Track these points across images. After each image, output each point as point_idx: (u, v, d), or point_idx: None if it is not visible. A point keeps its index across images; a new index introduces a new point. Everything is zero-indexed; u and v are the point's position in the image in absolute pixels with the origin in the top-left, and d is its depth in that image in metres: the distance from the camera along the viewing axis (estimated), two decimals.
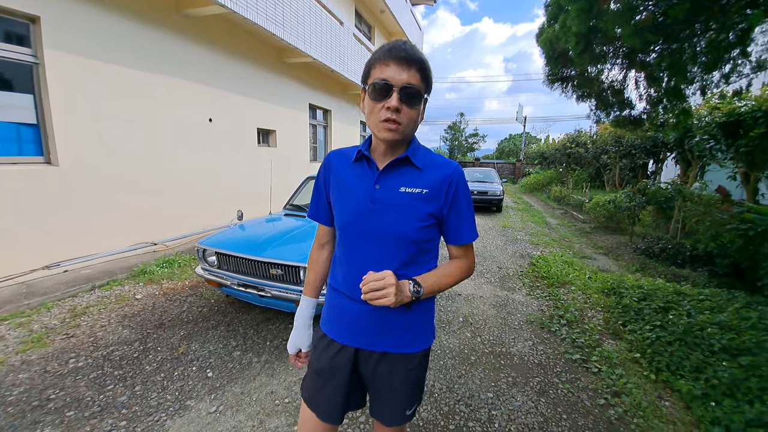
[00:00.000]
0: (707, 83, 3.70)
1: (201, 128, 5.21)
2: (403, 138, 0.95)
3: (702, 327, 2.62)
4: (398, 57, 0.89)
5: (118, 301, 3.33)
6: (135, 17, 4.11)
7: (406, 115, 0.91)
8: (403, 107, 0.89)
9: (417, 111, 0.93)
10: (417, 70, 0.90)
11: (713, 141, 5.88)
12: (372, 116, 0.94)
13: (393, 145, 0.98)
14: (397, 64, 0.89)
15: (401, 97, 0.89)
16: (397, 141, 0.95)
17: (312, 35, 6.75)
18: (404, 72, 0.88)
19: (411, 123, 0.93)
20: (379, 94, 0.90)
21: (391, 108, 0.89)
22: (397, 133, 0.92)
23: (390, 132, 0.91)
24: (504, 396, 2.20)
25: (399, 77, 0.88)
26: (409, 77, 0.89)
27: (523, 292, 4.00)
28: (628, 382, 2.31)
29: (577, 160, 14.39)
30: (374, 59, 0.93)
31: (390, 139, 0.93)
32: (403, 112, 0.90)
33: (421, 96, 0.92)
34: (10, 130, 3.26)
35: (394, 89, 0.88)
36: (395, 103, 0.88)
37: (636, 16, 2.79)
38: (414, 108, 0.92)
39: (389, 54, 0.89)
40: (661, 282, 3.75)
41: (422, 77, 0.91)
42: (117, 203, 4.06)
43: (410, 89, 0.89)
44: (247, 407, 2.03)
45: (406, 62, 0.89)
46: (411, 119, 0.93)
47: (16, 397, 2.02)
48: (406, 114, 0.91)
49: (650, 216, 7.25)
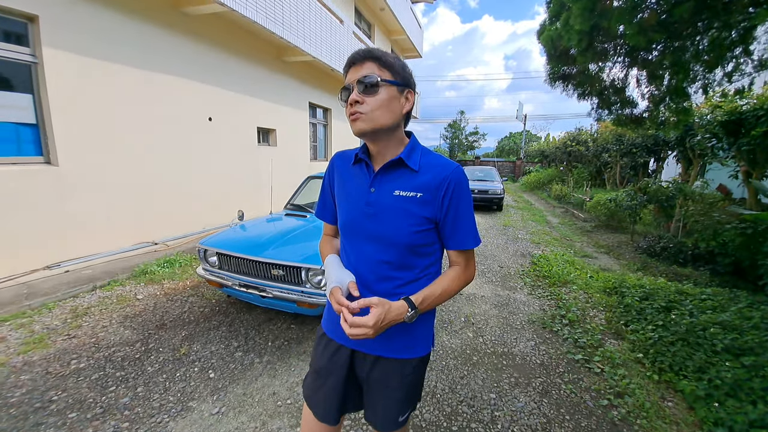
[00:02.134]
0: (709, 82, 3.69)
1: (200, 127, 5.19)
2: (375, 127, 0.92)
3: (704, 327, 2.62)
4: (351, 63, 0.94)
5: (119, 302, 3.33)
6: (133, 16, 4.09)
7: (369, 104, 0.91)
8: (362, 98, 0.91)
9: (380, 97, 0.91)
10: (371, 62, 0.92)
11: (715, 139, 5.86)
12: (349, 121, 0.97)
13: (379, 142, 0.97)
14: (353, 67, 0.94)
15: (359, 89, 0.91)
16: (372, 133, 0.93)
17: (312, 34, 6.73)
18: (359, 70, 0.92)
19: (378, 110, 0.91)
20: (345, 97, 0.95)
21: (351, 102, 0.92)
22: (362, 121, 0.91)
23: (355, 122, 0.93)
24: (506, 397, 2.20)
25: (354, 76, 0.92)
26: (365, 71, 0.92)
27: (524, 291, 4.00)
28: (631, 383, 2.30)
29: (577, 159, 14.35)
30: (344, 74, 0.99)
31: (358, 129, 0.93)
32: (365, 102, 0.91)
33: (377, 83, 0.90)
34: (9, 130, 3.25)
35: (352, 87, 0.92)
36: (354, 96, 0.91)
37: (639, 14, 2.77)
38: (374, 95, 0.91)
39: (346, 64, 0.96)
40: (662, 281, 3.74)
41: (380, 66, 0.92)
42: (117, 202, 4.06)
43: (365, 79, 0.91)
44: (249, 408, 2.03)
45: (358, 62, 0.93)
46: (375, 106, 0.91)
47: (18, 398, 2.01)
48: (369, 103, 0.91)
49: (651, 215, 7.24)
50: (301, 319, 3.08)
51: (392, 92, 0.93)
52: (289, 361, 2.49)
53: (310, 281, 2.56)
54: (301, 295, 2.54)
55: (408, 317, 0.91)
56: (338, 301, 0.90)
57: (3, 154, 3.20)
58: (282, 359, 2.51)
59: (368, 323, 0.84)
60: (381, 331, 0.88)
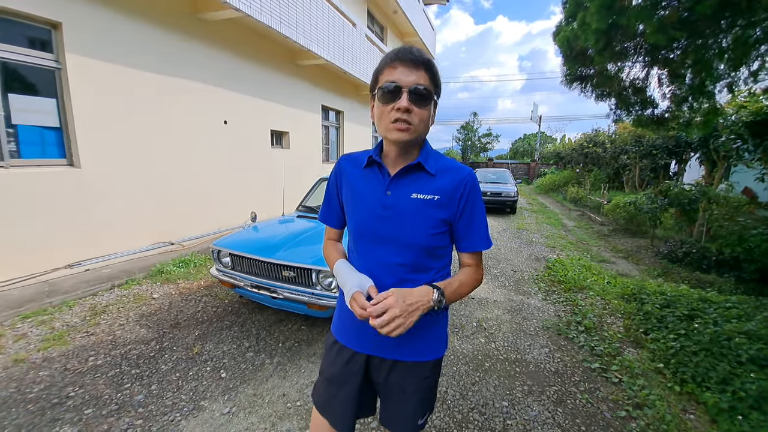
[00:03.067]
0: (734, 80, 3.55)
1: (216, 130, 5.29)
2: (415, 139, 0.94)
3: (729, 336, 2.51)
4: (406, 59, 0.89)
5: (136, 300, 3.40)
6: (153, 22, 4.20)
7: (417, 115, 0.90)
8: (413, 108, 0.89)
9: (427, 112, 0.92)
10: (425, 71, 0.90)
11: (740, 141, 5.63)
12: (383, 120, 0.93)
13: (405, 148, 0.97)
14: (405, 66, 0.89)
15: (411, 98, 0.88)
16: (408, 143, 0.94)
17: (325, 37, 6.78)
18: (412, 73, 0.89)
19: (422, 124, 0.92)
20: (389, 96, 0.90)
21: (401, 108, 0.88)
22: (408, 133, 0.91)
23: (401, 132, 0.90)
24: (519, 405, 2.14)
25: (407, 78, 0.88)
26: (418, 78, 0.89)
27: (538, 296, 3.91)
28: (651, 394, 2.22)
29: (594, 161, 14.02)
30: (382, 64, 0.94)
31: (401, 140, 0.92)
32: (414, 113, 0.89)
33: (430, 96, 0.91)
34: (34, 133, 3.37)
35: (403, 90, 0.88)
36: (405, 104, 0.88)
37: (660, 12, 2.68)
38: (424, 108, 0.91)
39: (397, 57, 0.91)
40: (685, 288, 3.60)
41: (431, 78, 0.91)
42: (136, 203, 4.16)
43: (420, 90, 0.88)
44: (259, 409, 2.04)
45: (413, 64, 0.89)
46: (422, 120, 0.92)
47: (37, 394, 2.07)
48: (417, 114, 0.90)
49: (673, 218, 7.00)
50: (312, 320, 3.09)
51: (432, 107, 0.94)
52: (299, 362, 2.50)
53: (321, 283, 2.56)
54: (312, 296, 2.55)
55: (436, 300, 0.89)
56: (362, 306, 0.88)
57: (28, 157, 3.32)
58: (292, 361, 2.52)
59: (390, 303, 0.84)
60: (412, 315, 0.85)
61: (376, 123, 0.97)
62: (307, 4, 6.10)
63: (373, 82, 0.97)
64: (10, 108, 3.16)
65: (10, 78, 3.16)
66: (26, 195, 3.20)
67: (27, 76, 3.29)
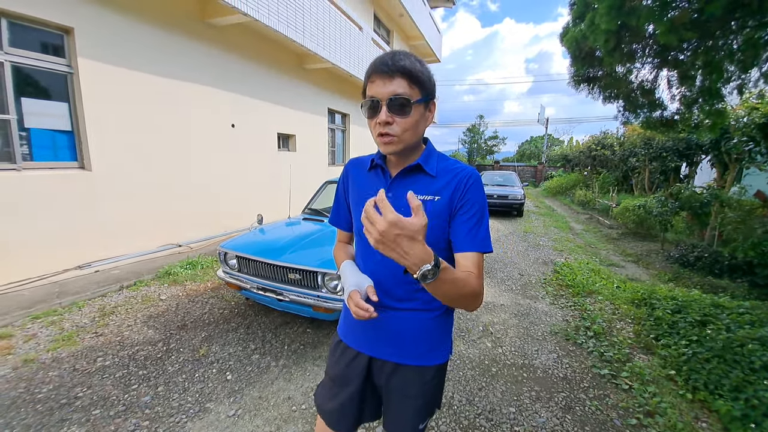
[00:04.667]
0: (745, 82, 3.49)
1: (224, 133, 5.34)
2: (405, 147, 0.94)
3: (742, 343, 2.44)
4: (380, 71, 0.88)
5: (144, 302, 3.43)
6: (162, 27, 4.26)
7: (400, 125, 0.89)
8: (394, 118, 0.89)
9: (412, 119, 0.90)
10: (402, 78, 0.88)
11: (752, 143, 5.53)
12: (372, 133, 0.95)
13: (403, 153, 0.97)
14: (380, 78, 0.88)
15: (390, 110, 0.88)
16: (398, 152, 0.94)
17: (332, 41, 6.83)
18: (389, 84, 0.88)
19: (408, 131, 0.91)
20: (371, 111, 0.91)
21: (381, 122, 0.89)
22: (394, 144, 0.91)
23: (387, 145, 0.92)
24: (527, 411, 2.11)
25: (384, 90, 0.88)
26: (396, 87, 0.87)
27: (546, 300, 3.86)
28: (663, 401, 2.17)
29: (602, 163, 13.87)
30: (365, 79, 0.95)
31: (389, 152, 0.94)
32: (396, 123, 0.89)
33: (409, 103, 0.88)
34: (46, 137, 3.43)
35: (381, 104, 0.88)
36: (384, 117, 0.88)
37: (670, 12, 2.65)
38: (406, 116, 0.89)
39: (373, 70, 0.90)
40: (696, 293, 3.52)
41: (411, 83, 0.88)
42: (145, 206, 4.21)
43: (396, 99, 0.87)
44: (264, 412, 2.03)
45: (388, 74, 0.88)
46: (406, 129, 0.90)
47: (45, 394, 2.10)
48: (400, 124, 0.89)
49: (684, 222, 6.88)
50: (318, 323, 3.08)
51: (421, 110, 0.92)
52: (305, 365, 2.49)
53: (327, 286, 2.55)
54: (317, 299, 2.54)
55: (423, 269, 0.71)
56: (357, 304, 0.88)
57: (41, 160, 3.38)
58: (298, 363, 2.51)
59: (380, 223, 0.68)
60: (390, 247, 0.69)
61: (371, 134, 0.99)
62: (314, 9, 6.15)
63: (362, 95, 0.97)
64: (23, 112, 3.22)
65: (23, 82, 3.23)
66: (38, 197, 3.26)
67: (40, 80, 3.36)
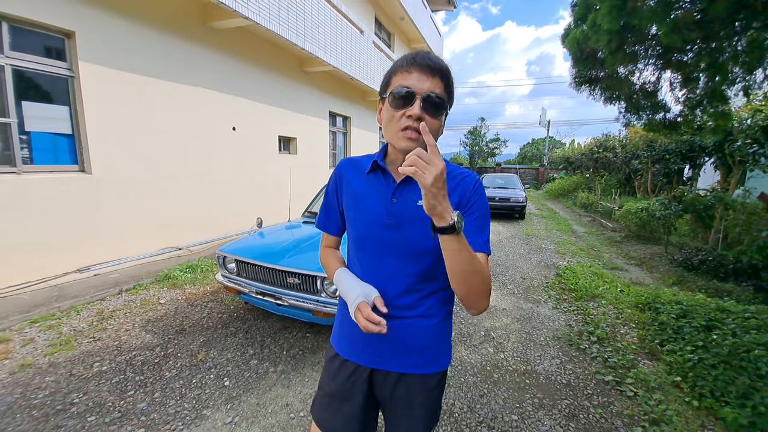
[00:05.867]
0: (750, 84, 3.46)
1: (225, 136, 5.34)
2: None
3: (748, 348, 2.40)
4: (422, 65, 0.85)
5: (142, 306, 3.41)
6: (164, 31, 4.27)
7: (429, 125, 0.85)
8: (425, 116, 0.84)
9: (439, 122, 0.88)
10: (441, 79, 0.86)
11: (756, 145, 5.48)
12: (391, 125, 0.89)
13: None
14: (420, 72, 0.85)
15: (424, 106, 0.84)
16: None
17: (333, 44, 6.83)
18: (427, 80, 0.84)
19: (434, 133, 0.88)
20: (401, 101, 0.85)
21: (413, 116, 0.84)
22: (418, 142, 0.86)
23: (410, 141, 0.85)
24: (530, 419, 2.07)
25: (422, 85, 0.84)
26: (433, 86, 0.84)
27: (549, 305, 3.82)
28: (668, 409, 2.12)
29: (605, 165, 13.81)
30: (396, 67, 0.90)
31: (410, 148, 0.87)
32: (426, 122, 0.85)
33: (444, 106, 0.87)
34: (47, 140, 3.43)
35: (417, 97, 0.84)
36: (417, 111, 0.83)
37: (673, 13, 2.62)
38: (436, 118, 0.87)
39: (413, 62, 0.86)
40: (701, 297, 3.47)
41: (445, 87, 0.87)
42: (145, 209, 4.20)
43: (434, 98, 0.84)
44: (262, 419, 2.00)
45: (430, 70, 0.85)
46: (433, 129, 0.87)
47: (41, 400, 2.07)
48: (429, 124, 0.85)
49: (687, 225, 6.82)
50: (317, 328, 3.05)
51: (443, 117, 0.91)
52: (303, 371, 2.46)
53: (326, 290, 2.53)
54: (317, 304, 2.52)
55: (455, 217, 0.73)
56: (368, 317, 0.85)
57: (41, 163, 3.38)
58: (296, 369, 2.48)
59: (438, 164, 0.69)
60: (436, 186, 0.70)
61: (384, 128, 0.93)
62: (315, 12, 6.16)
63: (383, 85, 0.92)
64: (24, 115, 3.22)
65: (24, 86, 3.23)
66: (38, 200, 3.25)
67: (41, 84, 3.36)
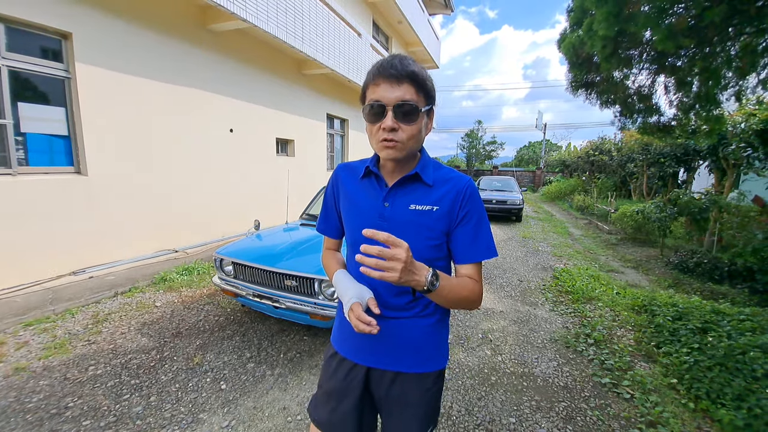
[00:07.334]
0: (743, 89, 3.51)
1: (222, 138, 5.33)
2: (407, 154, 0.92)
3: (743, 350, 2.42)
4: (387, 75, 0.86)
5: (138, 308, 3.39)
6: (161, 33, 4.26)
7: (405, 132, 0.87)
8: (399, 125, 0.86)
9: (416, 126, 0.89)
10: (410, 84, 0.86)
11: (750, 149, 5.55)
12: (372, 138, 0.92)
13: (399, 162, 0.95)
14: (387, 82, 0.86)
15: (396, 116, 0.86)
16: (400, 159, 0.93)
17: (330, 47, 6.85)
18: (396, 89, 0.85)
19: (412, 139, 0.90)
20: (374, 115, 0.88)
21: (386, 128, 0.86)
22: (397, 150, 0.89)
23: (390, 150, 0.89)
24: (527, 421, 2.07)
25: (391, 95, 0.85)
26: (402, 93, 0.85)
27: (546, 307, 3.83)
28: (665, 411, 2.13)
29: (600, 168, 13.92)
30: (367, 80, 0.91)
31: (391, 158, 0.91)
32: (401, 130, 0.87)
33: (417, 111, 0.87)
34: (43, 141, 3.40)
35: (387, 109, 0.85)
36: (390, 123, 0.85)
37: (668, 19, 2.66)
38: (412, 124, 0.88)
39: (378, 73, 0.87)
40: (697, 299, 3.50)
41: (417, 90, 0.87)
42: (141, 211, 4.17)
43: (404, 106, 0.85)
44: (259, 423, 1.99)
45: (396, 79, 0.85)
46: (411, 136, 0.89)
47: (35, 404, 2.05)
48: (405, 131, 0.87)
49: (683, 228, 6.88)
50: (314, 331, 3.04)
51: (424, 118, 0.91)
52: (301, 374, 2.45)
53: (323, 293, 2.52)
54: (314, 306, 2.51)
55: (428, 279, 0.81)
56: (359, 317, 0.85)
57: (36, 164, 3.35)
58: (293, 372, 2.47)
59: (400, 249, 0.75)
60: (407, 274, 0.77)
61: (369, 139, 0.95)
62: (313, 15, 6.18)
63: (361, 97, 0.94)
64: (20, 116, 3.20)
65: (20, 87, 3.21)
66: (33, 202, 3.22)
67: (37, 85, 3.34)
